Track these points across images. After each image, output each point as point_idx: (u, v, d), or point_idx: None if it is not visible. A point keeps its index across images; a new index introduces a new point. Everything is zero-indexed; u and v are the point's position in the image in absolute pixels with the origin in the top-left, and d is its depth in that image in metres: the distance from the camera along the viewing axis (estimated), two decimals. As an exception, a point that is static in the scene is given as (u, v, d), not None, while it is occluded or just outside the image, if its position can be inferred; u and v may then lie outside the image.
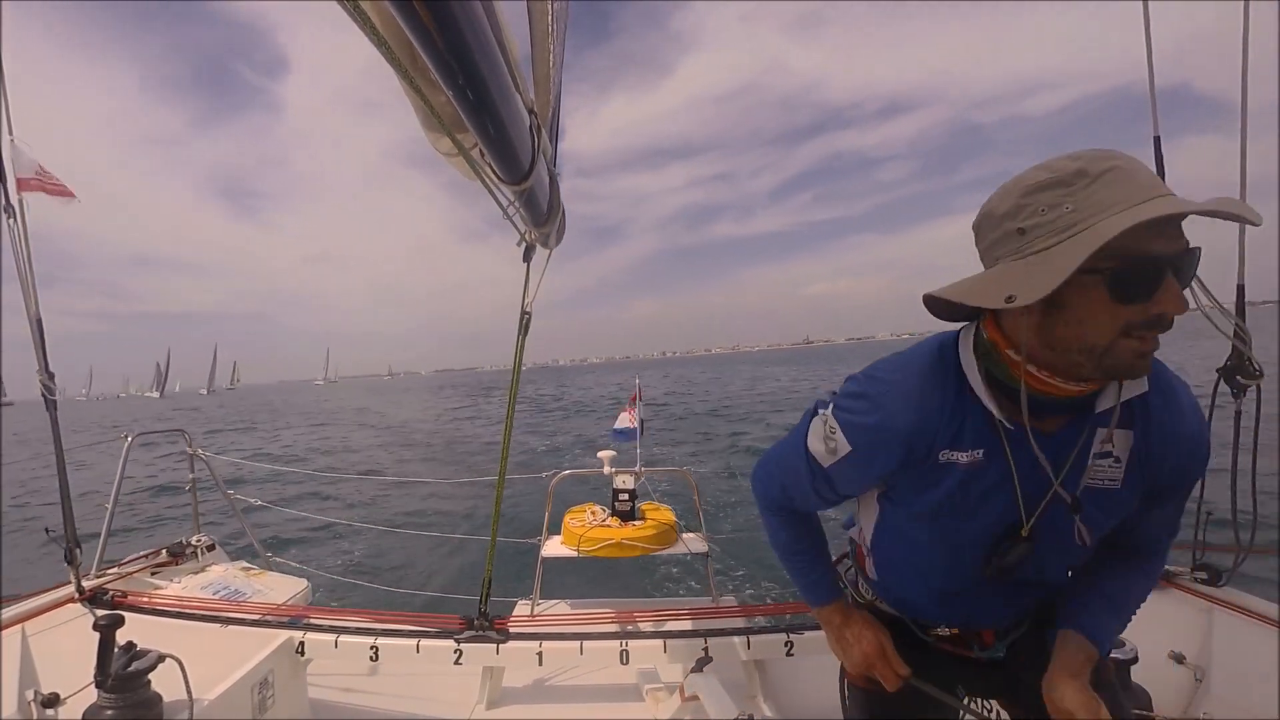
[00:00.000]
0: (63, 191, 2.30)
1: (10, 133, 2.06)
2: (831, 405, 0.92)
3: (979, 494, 0.88)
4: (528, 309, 1.80)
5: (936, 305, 0.86)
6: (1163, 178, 1.18)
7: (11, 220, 2.00)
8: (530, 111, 1.08)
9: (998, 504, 0.88)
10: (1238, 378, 1.61)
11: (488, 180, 1.16)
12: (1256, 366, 1.53)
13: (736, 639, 2.12)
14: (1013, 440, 0.84)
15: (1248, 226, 0.89)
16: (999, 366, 0.82)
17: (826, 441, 0.91)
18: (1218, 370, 1.64)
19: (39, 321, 2.04)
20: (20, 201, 2.05)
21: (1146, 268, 0.68)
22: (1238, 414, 1.67)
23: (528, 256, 1.69)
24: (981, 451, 0.85)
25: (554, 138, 1.49)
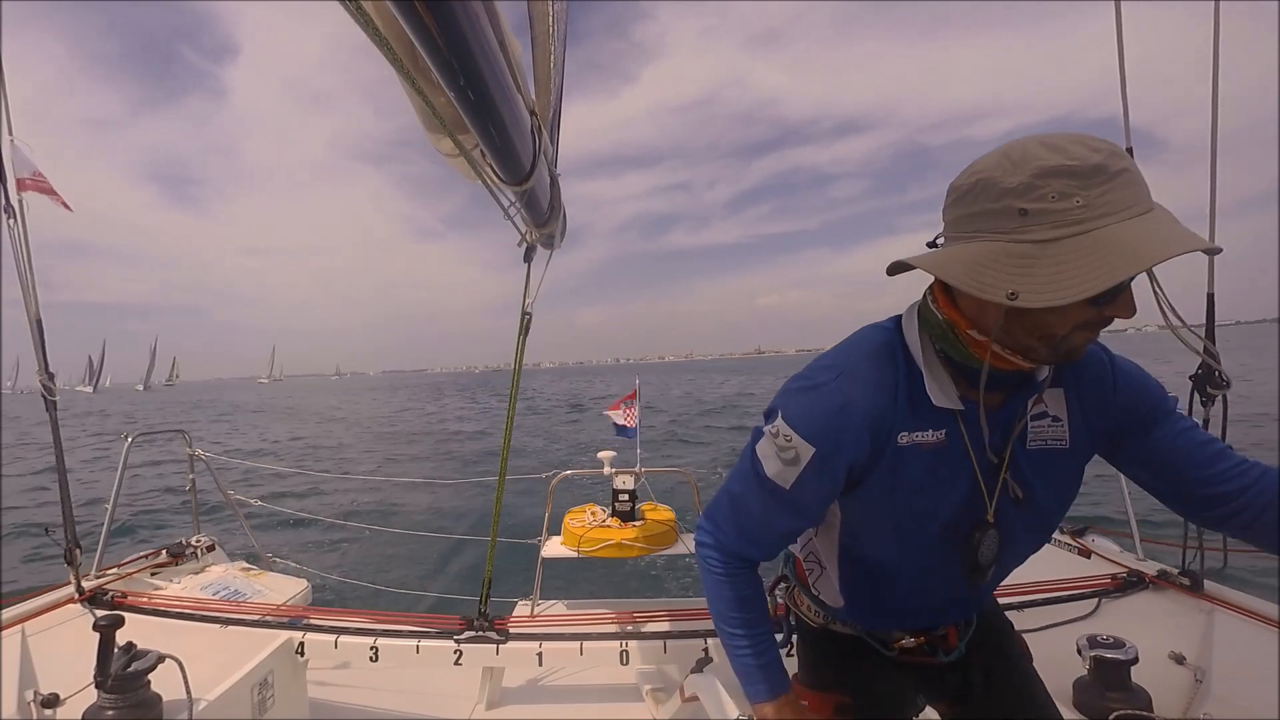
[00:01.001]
0: (60, 201, 2.29)
1: (10, 133, 2.06)
2: (779, 414, 0.86)
3: (946, 477, 0.87)
4: (528, 309, 1.80)
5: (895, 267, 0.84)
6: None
7: (11, 220, 2.00)
8: (531, 113, 1.08)
9: (962, 486, 0.87)
10: (1207, 387, 1.66)
11: (489, 181, 1.16)
12: (1224, 378, 1.60)
13: None
14: (966, 419, 0.85)
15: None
16: (956, 347, 0.82)
17: (782, 455, 0.85)
18: (1190, 378, 1.69)
19: (39, 322, 2.04)
20: (20, 201, 2.05)
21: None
22: (1205, 422, 1.72)
23: (528, 257, 1.70)
24: (944, 431, 0.85)
25: (554, 138, 1.49)
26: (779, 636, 1.07)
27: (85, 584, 2.23)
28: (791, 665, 1.17)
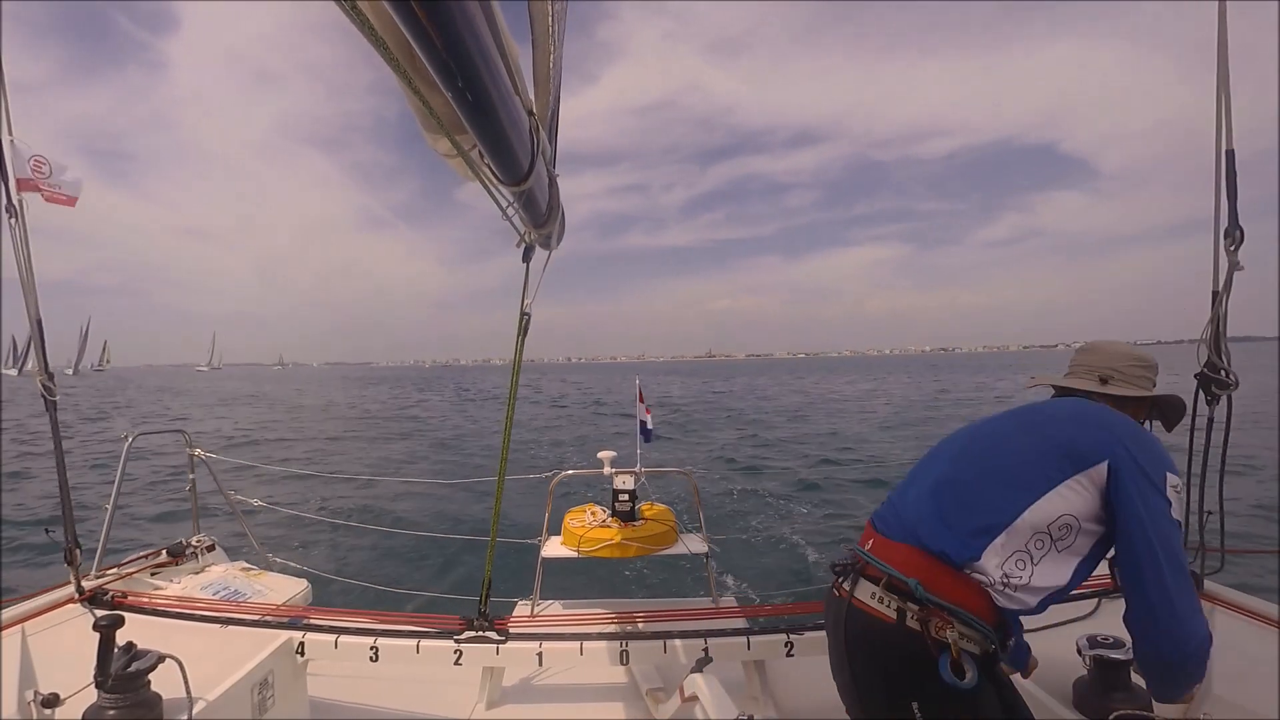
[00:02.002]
0: (57, 196, 2.28)
1: (10, 133, 2.06)
2: (1168, 469, 1.20)
3: None
4: (527, 310, 1.80)
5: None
6: (1234, 187, 1.67)
7: (12, 220, 2.00)
8: (530, 113, 1.08)
9: None
10: (1212, 387, 1.72)
11: (487, 181, 1.16)
12: (1232, 377, 1.68)
13: (736, 639, 2.12)
14: None
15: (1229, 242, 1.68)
16: None
17: (1178, 494, 1.22)
18: (1195, 376, 1.75)
19: (39, 322, 2.04)
20: (20, 201, 2.05)
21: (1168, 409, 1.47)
22: (1210, 421, 1.77)
23: (527, 257, 1.69)
24: None
25: (553, 139, 1.49)
26: (968, 675, 1.15)
27: (85, 584, 2.23)
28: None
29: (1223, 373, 1.70)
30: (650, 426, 3.26)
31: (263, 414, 26.41)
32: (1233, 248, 1.69)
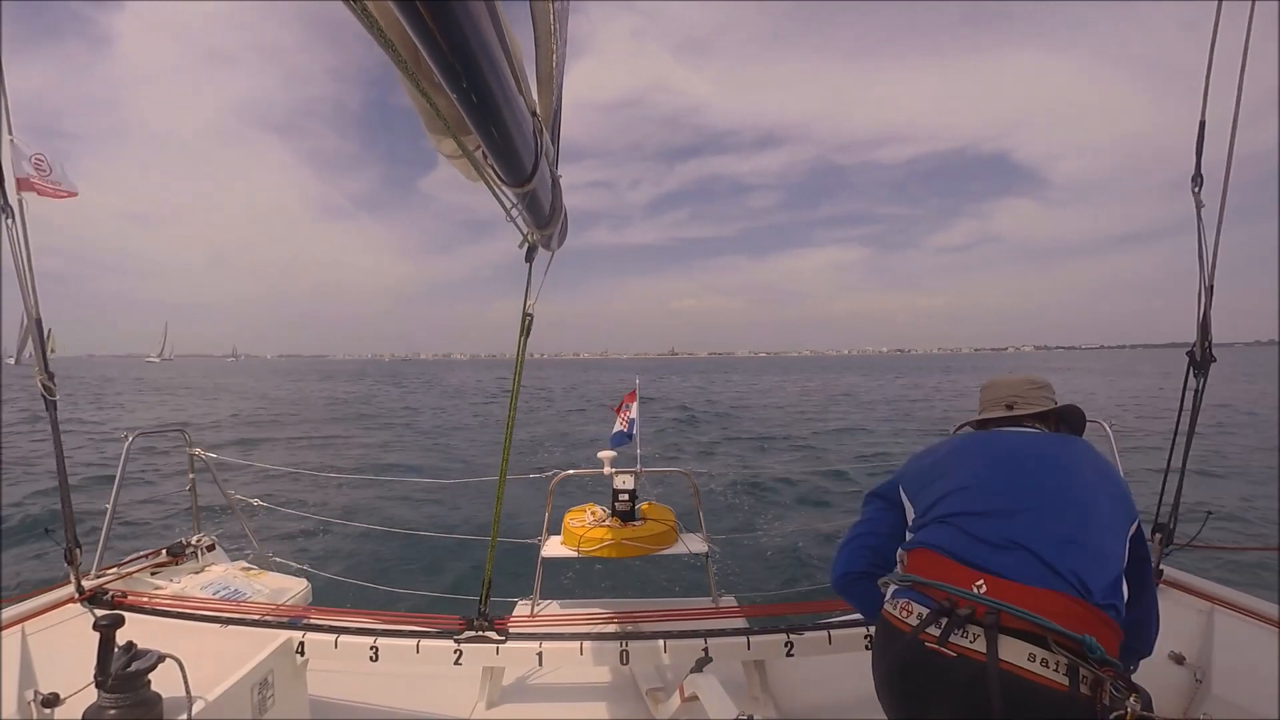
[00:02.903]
0: (59, 193, 2.28)
1: (10, 133, 2.06)
2: None
3: None
4: (530, 310, 1.80)
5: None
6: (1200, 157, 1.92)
7: (10, 220, 2.00)
8: (533, 114, 1.08)
9: None
10: (1196, 359, 1.96)
11: (490, 182, 1.16)
12: (1212, 355, 1.92)
13: (736, 639, 2.12)
14: None
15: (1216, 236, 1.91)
16: None
17: None
18: (1186, 352, 1.98)
19: (39, 321, 2.04)
20: (20, 201, 2.05)
21: None
22: (1198, 392, 1.98)
23: (530, 257, 1.69)
24: None
25: (556, 139, 1.48)
26: None
27: (85, 584, 2.23)
28: None
29: (1207, 345, 1.90)
30: (628, 432, 3.26)
31: (260, 406, 26.45)
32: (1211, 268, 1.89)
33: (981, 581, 1.11)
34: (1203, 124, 1.90)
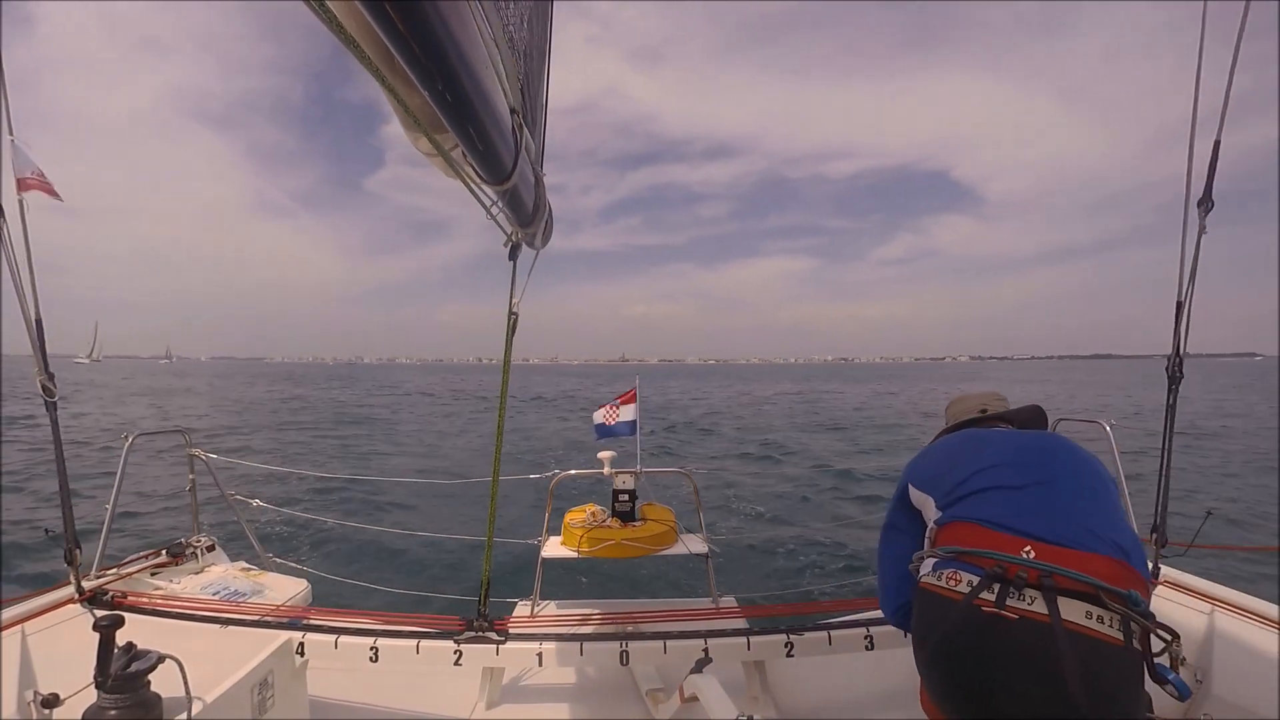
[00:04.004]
0: (52, 190, 2.28)
1: (10, 133, 2.06)
2: None
3: None
4: (515, 309, 1.79)
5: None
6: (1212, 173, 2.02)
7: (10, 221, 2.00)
8: (513, 111, 1.05)
9: None
10: (1176, 373, 2.13)
11: (468, 180, 1.13)
12: (1180, 372, 2.12)
13: (736, 639, 2.12)
14: None
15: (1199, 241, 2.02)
16: None
17: None
18: (1166, 369, 2.15)
19: (39, 321, 2.04)
20: (20, 201, 2.05)
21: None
22: (1170, 406, 2.11)
23: (513, 256, 1.67)
24: None
25: (540, 135, 1.47)
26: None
27: (85, 584, 2.23)
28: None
29: (1180, 360, 2.11)
30: (604, 423, 3.26)
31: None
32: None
33: (1029, 548, 1.16)
34: (1217, 144, 1.99)
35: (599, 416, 3.30)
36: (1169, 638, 1.10)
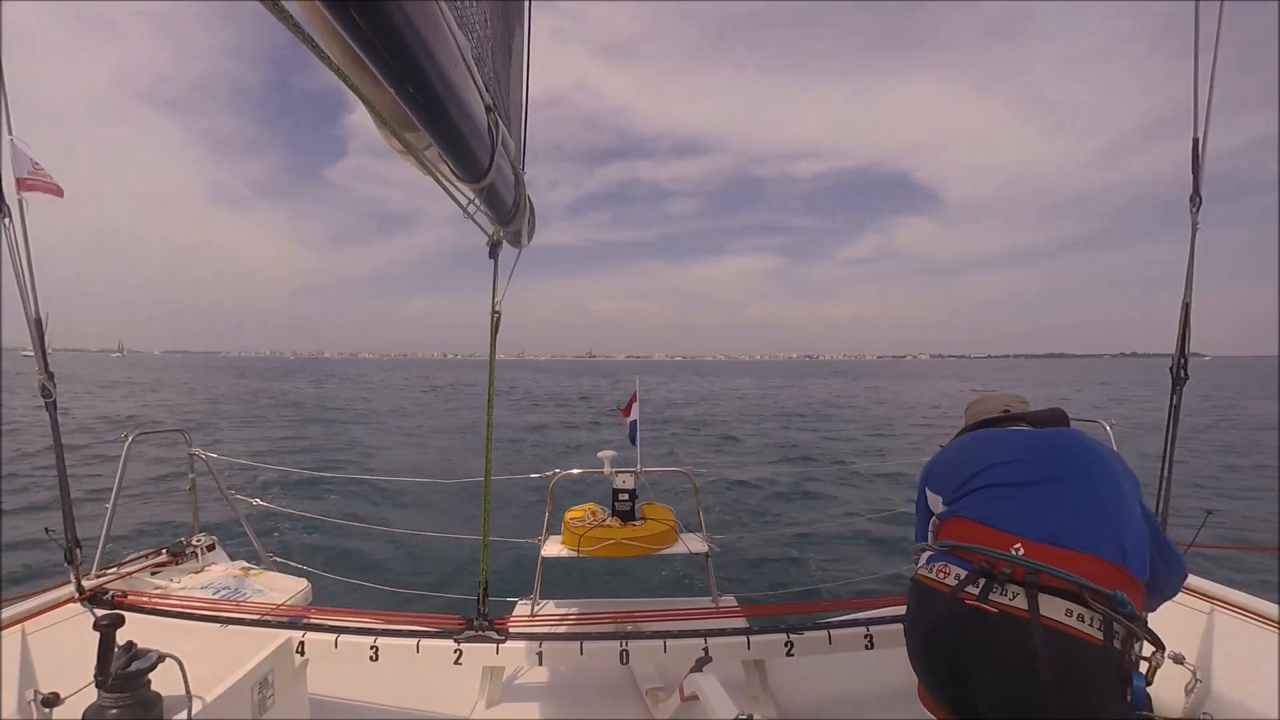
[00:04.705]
0: (52, 188, 2.28)
1: (10, 132, 2.06)
2: None
3: None
4: (498, 308, 1.78)
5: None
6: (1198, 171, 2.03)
7: (8, 220, 2.00)
8: (489, 108, 1.03)
9: None
10: (1181, 373, 2.12)
11: (443, 180, 1.10)
12: (1186, 373, 2.11)
13: (736, 639, 2.12)
14: None
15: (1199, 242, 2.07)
16: None
17: None
18: (1170, 369, 2.14)
19: (39, 322, 2.04)
20: (20, 201, 2.05)
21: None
22: (1174, 406, 2.13)
23: (493, 254, 1.65)
24: None
25: (520, 131, 1.45)
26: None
27: (85, 583, 2.23)
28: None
29: (1185, 362, 2.09)
30: (636, 431, 3.25)
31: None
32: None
33: (1019, 545, 1.18)
34: (1196, 141, 1.99)
35: (631, 416, 3.30)
36: (1154, 647, 1.10)
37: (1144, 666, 1.13)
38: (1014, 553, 1.17)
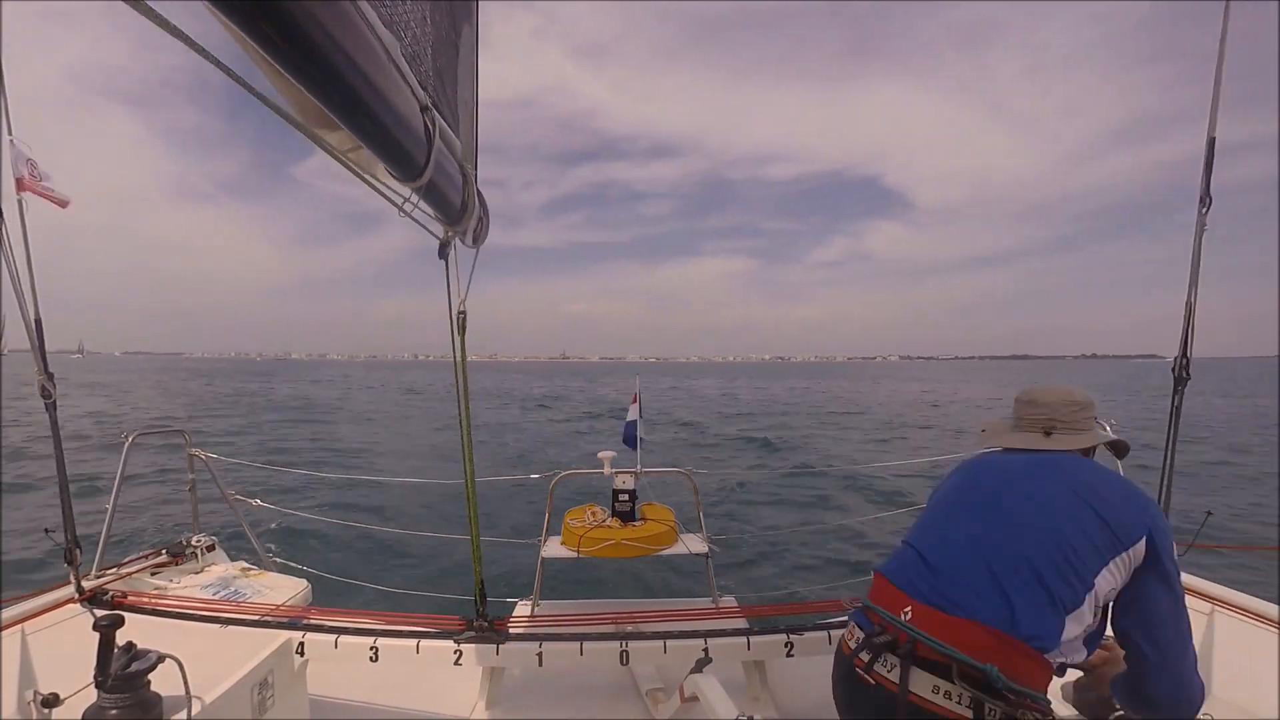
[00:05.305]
0: (56, 199, 2.28)
1: (10, 133, 2.06)
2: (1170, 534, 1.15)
3: None
4: (462, 308, 1.77)
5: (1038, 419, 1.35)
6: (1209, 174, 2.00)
7: (9, 220, 2.00)
8: (424, 108, 1.01)
9: None
10: (1183, 374, 2.13)
11: (374, 180, 1.08)
12: (1187, 374, 2.12)
13: (736, 639, 2.12)
14: None
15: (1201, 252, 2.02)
16: None
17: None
18: (1171, 370, 2.14)
19: (39, 322, 2.04)
20: (20, 201, 2.05)
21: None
22: (1176, 407, 2.16)
23: (443, 254, 1.64)
24: None
25: (469, 130, 1.44)
26: None
27: (85, 584, 2.23)
28: None
29: (1186, 362, 2.10)
30: (637, 431, 3.25)
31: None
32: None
33: (909, 609, 1.13)
34: (1211, 141, 1.99)
35: (636, 424, 3.28)
36: (1037, 715, 1.01)
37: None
38: (903, 616, 1.12)
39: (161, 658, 1.45)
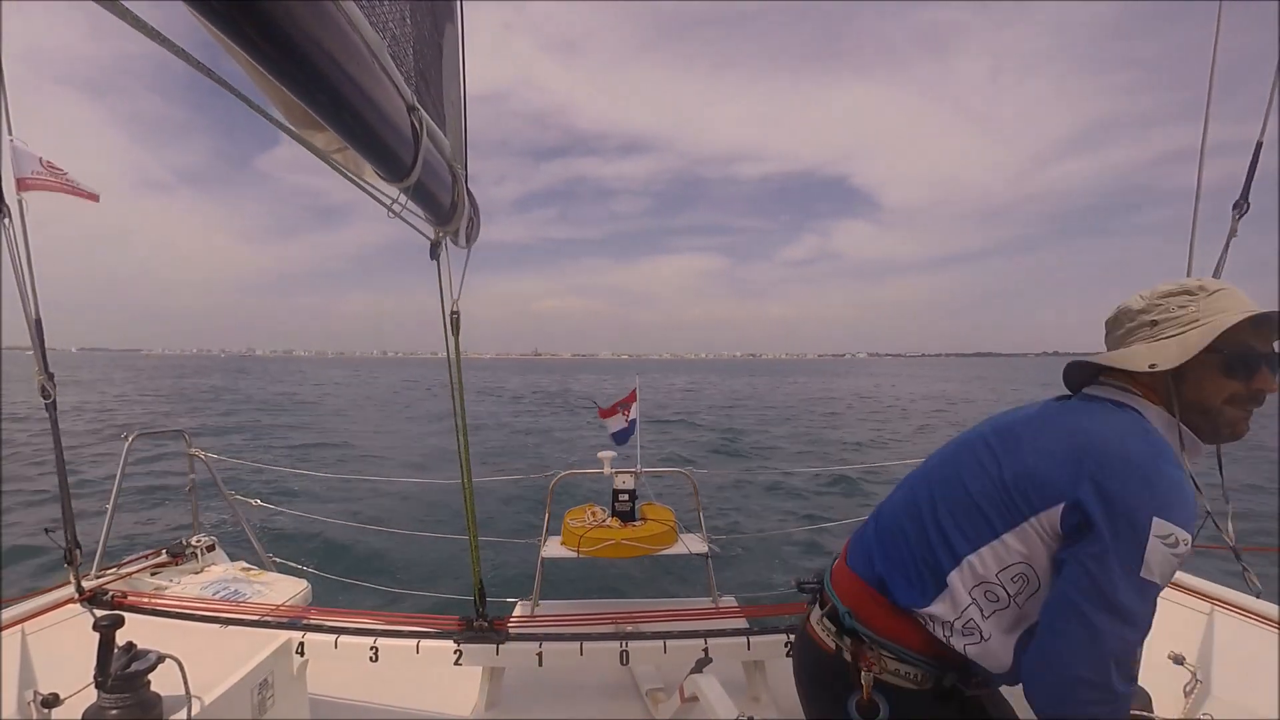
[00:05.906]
0: (79, 192, 2.28)
1: (10, 133, 2.06)
2: (1169, 520, 0.86)
3: None
4: (455, 308, 1.77)
5: (1072, 370, 1.13)
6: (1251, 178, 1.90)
7: (7, 220, 2.00)
8: (410, 107, 1.01)
9: None
10: None
11: (361, 181, 1.08)
12: None
13: (736, 639, 2.12)
14: None
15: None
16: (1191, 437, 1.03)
17: (1170, 551, 0.86)
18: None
19: (39, 322, 2.04)
20: (20, 201, 2.05)
21: (1250, 355, 0.97)
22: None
23: (434, 255, 1.63)
24: None
25: (458, 130, 1.43)
26: (882, 712, 1.10)
27: (85, 584, 2.23)
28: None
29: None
30: (616, 430, 3.25)
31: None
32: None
33: (837, 560, 1.30)
34: (1259, 145, 1.95)
35: (614, 424, 3.29)
36: (876, 657, 1.09)
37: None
38: (829, 572, 1.29)
39: (161, 658, 1.45)
